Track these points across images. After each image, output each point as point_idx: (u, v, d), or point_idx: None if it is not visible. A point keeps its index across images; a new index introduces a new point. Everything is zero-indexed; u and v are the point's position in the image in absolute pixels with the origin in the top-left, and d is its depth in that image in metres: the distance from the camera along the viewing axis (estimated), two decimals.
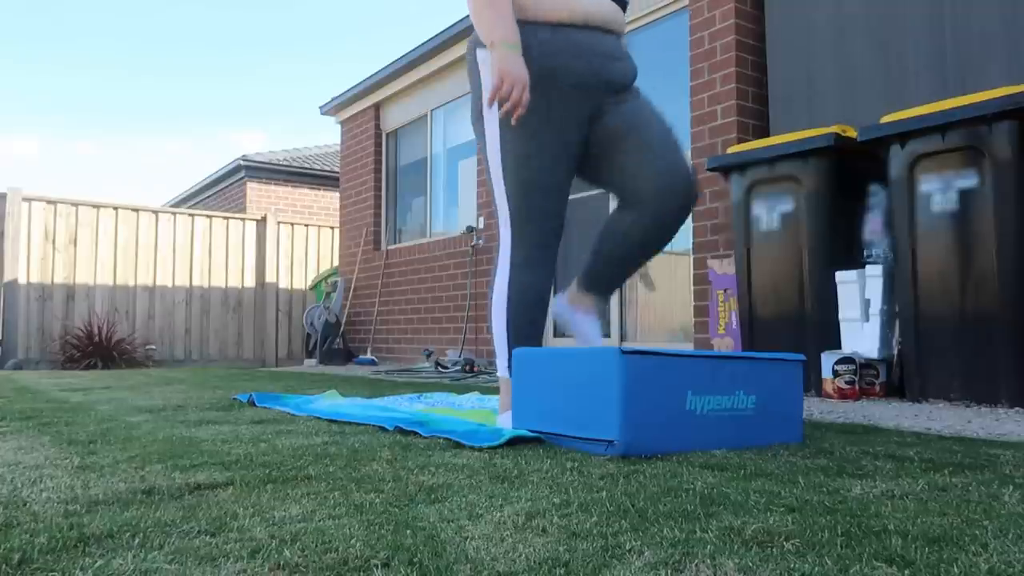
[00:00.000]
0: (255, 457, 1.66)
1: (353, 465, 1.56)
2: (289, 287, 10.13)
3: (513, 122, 1.98)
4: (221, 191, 13.78)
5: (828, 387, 3.28)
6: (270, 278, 9.92)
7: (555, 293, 2.49)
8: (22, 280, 8.34)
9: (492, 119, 2.10)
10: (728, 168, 3.80)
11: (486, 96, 2.10)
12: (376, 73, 8.40)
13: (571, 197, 6.04)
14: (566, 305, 2.31)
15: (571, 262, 6.17)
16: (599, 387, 1.71)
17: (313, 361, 8.47)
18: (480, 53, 2.12)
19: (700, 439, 1.76)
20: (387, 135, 8.80)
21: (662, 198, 2.09)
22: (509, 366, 2.13)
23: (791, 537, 0.99)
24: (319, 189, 13.09)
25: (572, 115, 2.09)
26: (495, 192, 2.16)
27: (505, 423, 2.12)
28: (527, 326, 2.14)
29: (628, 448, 1.65)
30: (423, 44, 7.63)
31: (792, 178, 3.54)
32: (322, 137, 28.22)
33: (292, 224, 10.35)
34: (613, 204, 5.71)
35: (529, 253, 2.13)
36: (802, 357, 2.01)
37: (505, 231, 2.16)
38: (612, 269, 2.22)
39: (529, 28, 2.03)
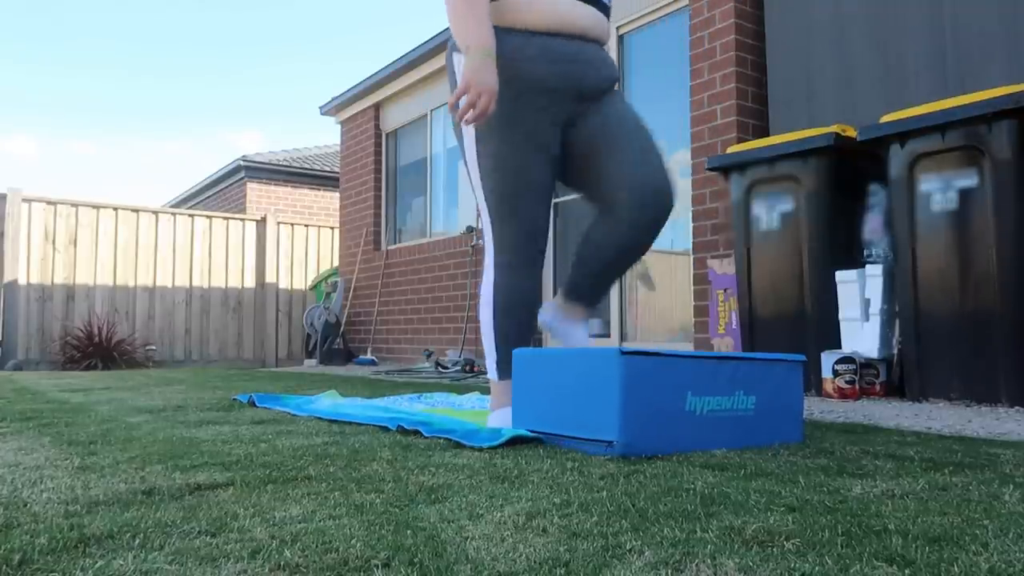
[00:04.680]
0: (255, 457, 1.66)
1: (353, 465, 1.56)
2: (289, 287, 10.13)
3: (474, 128, 1.99)
4: (221, 191, 13.78)
5: (828, 387, 3.28)
6: (270, 278, 9.92)
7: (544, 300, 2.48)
8: (22, 281, 8.34)
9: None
10: (728, 168, 3.80)
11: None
12: (376, 73, 8.40)
13: (570, 198, 6.05)
14: (554, 315, 2.29)
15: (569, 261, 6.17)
16: (599, 387, 1.71)
17: (313, 361, 8.47)
18: (456, 57, 2.12)
19: (700, 440, 1.76)
20: (387, 135, 8.80)
21: (637, 209, 2.08)
22: (497, 368, 2.15)
23: (791, 537, 0.99)
24: (319, 189, 13.08)
25: (545, 119, 2.08)
26: (476, 195, 2.16)
27: (494, 422, 2.12)
28: (513, 328, 2.14)
29: (627, 448, 1.65)
30: (423, 44, 7.63)
31: (792, 178, 3.54)
32: (320, 137, 28.20)
33: (292, 224, 10.35)
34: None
35: (512, 256, 2.12)
36: (802, 357, 2.01)
37: (488, 236, 2.16)
38: (594, 279, 2.21)
39: (502, 33, 2.03)
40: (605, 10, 2.17)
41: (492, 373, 2.18)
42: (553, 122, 2.11)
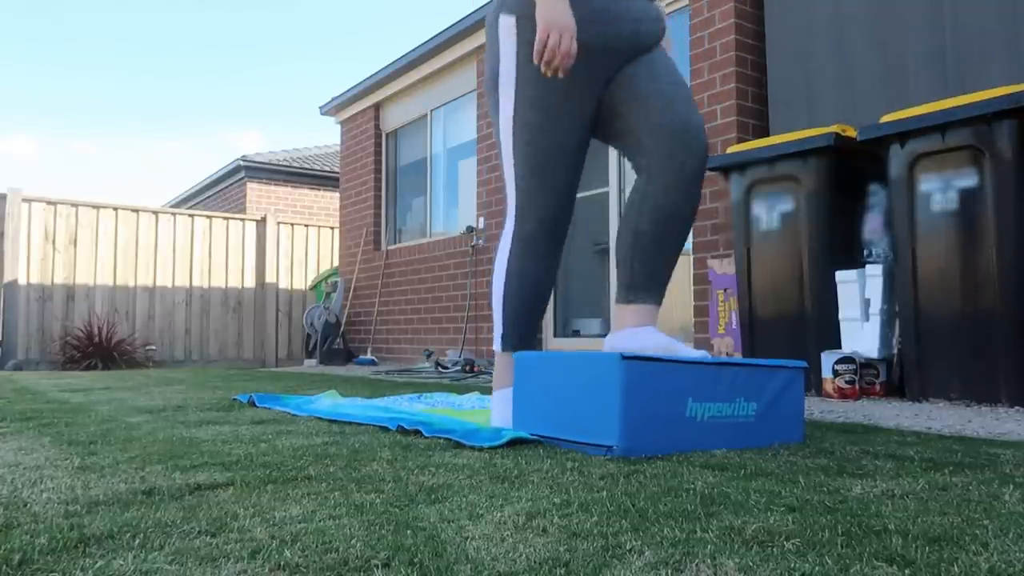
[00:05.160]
0: (255, 457, 1.66)
1: (353, 465, 1.56)
2: (289, 287, 10.13)
3: (561, 74, 1.88)
4: (221, 191, 13.78)
5: (828, 387, 3.28)
6: (270, 278, 9.92)
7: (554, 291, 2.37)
8: (22, 281, 8.34)
9: (508, 86, 2.03)
10: (728, 168, 3.80)
11: (507, 63, 2.03)
12: (376, 73, 8.40)
13: None
14: (616, 334, 2.04)
15: (570, 260, 6.17)
16: (599, 392, 1.71)
17: (313, 361, 8.47)
18: (504, 20, 2.04)
19: (700, 446, 1.75)
20: (387, 135, 8.80)
21: (672, 158, 1.98)
22: (502, 340, 2.13)
23: (791, 537, 0.99)
24: (319, 189, 13.08)
25: (593, 84, 2.03)
26: (504, 163, 2.11)
27: (497, 401, 2.11)
28: (524, 301, 2.11)
29: (627, 453, 1.65)
30: (423, 44, 7.63)
31: (792, 178, 3.54)
32: (320, 137, 28.21)
33: (292, 224, 10.35)
34: (613, 199, 5.68)
35: (534, 228, 2.08)
36: (803, 364, 2.00)
37: (512, 203, 2.10)
38: (648, 258, 2.01)
39: None
40: None
41: (496, 344, 2.15)
42: (596, 85, 2.04)
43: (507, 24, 2.03)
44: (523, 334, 2.14)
